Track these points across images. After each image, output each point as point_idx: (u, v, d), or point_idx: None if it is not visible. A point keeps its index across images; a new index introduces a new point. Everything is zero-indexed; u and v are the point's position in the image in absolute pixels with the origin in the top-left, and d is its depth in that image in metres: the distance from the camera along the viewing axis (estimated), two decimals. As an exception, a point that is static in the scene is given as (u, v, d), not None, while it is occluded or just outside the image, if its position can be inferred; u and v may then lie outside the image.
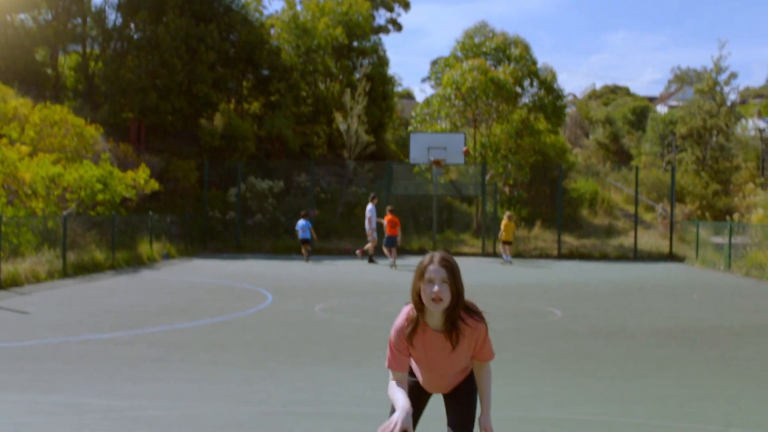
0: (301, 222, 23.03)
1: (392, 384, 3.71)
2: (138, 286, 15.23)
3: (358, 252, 23.34)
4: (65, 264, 17.02)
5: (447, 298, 3.52)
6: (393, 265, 20.50)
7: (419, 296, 3.56)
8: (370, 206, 21.98)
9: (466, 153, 25.74)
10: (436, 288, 3.49)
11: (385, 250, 21.31)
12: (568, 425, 5.75)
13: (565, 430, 5.63)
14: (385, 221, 21.17)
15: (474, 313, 3.66)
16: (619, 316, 11.74)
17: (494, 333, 3.73)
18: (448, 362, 3.70)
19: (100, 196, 20.79)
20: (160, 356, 8.08)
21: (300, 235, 23.05)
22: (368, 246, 22.39)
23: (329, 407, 6.17)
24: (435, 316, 3.57)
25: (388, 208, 22.00)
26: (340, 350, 8.55)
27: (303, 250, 23.07)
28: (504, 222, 23.31)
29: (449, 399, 3.86)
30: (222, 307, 12.14)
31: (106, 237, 20.24)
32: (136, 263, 20.55)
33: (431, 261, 3.58)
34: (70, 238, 18.56)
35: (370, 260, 22.17)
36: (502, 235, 23.24)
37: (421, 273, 3.58)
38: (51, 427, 5.48)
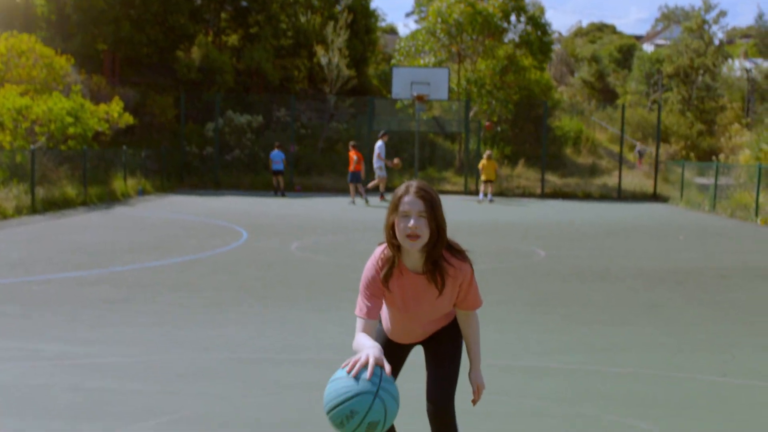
0: (275, 152, 23.03)
1: (359, 334, 3.29)
2: (109, 223, 14.72)
3: (367, 186, 22.32)
4: (34, 199, 16.43)
5: (425, 234, 3.03)
6: (352, 203, 20.49)
7: (393, 232, 3.08)
8: (379, 143, 21.41)
9: (489, 127, 25.05)
10: (412, 222, 3.00)
11: (351, 187, 21.08)
12: (554, 375, 5.41)
13: (551, 380, 5.28)
14: (355, 157, 20.86)
15: (457, 252, 3.19)
16: (603, 257, 11.42)
17: (477, 273, 3.28)
18: (429, 308, 3.26)
19: (71, 130, 20.07)
20: (123, 297, 7.64)
21: (273, 166, 23.12)
22: (375, 182, 21.91)
23: (301, 354, 5.79)
24: (413, 256, 3.10)
25: (351, 143, 21.73)
26: (315, 292, 8.15)
27: (274, 182, 23.15)
28: (483, 162, 22.91)
29: (430, 348, 3.40)
30: (195, 245, 11.69)
31: (78, 172, 19.60)
32: (110, 199, 19.98)
33: (406, 192, 3.08)
34: (40, 173, 17.92)
35: (381, 197, 21.65)
36: (485, 175, 22.91)
37: (395, 206, 3.09)
38: (-4, 376, 5.06)
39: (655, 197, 25.94)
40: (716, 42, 45.85)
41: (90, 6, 29.37)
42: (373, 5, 40.37)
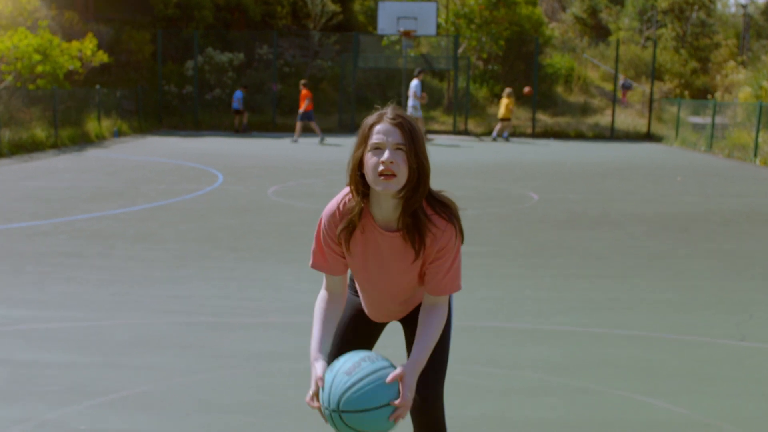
0: (237, 93, 23.51)
1: (317, 307, 2.61)
2: (78, 167, 13.91)
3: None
4: (0, 142, 15.58)
5: (402, 172, 2.33)
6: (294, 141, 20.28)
7: (360, 173, 2.40)
8: (415, 82, 20.44)
9: (529, 93, 24.32)
10: (386, 156, 2.31)
11: (298, 125, 20.55)
12: (551, 340, 4.77)
13: (548, 346, 4.65)
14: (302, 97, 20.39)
15: (443, 207, 2.44)
16: (599, 201, 10.75)
17: (467, 219, 2.55)
18: (399, 278, 2.54)
19: (39, 68, 19.06)
20: (77, 250, 6.94)
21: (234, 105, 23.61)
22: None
23: (267, 316, 5.13)
24: (384, 205, 2.41)
25: (302, 82, 21.07)
26: (289, 242, 7.47)
27: (235, 122, 23.59)
28: (504, 100, 22.68)
29: (410, 326, 2.69)
30: (164, 190, 10.94)
31: (49, 113, 18.66)
32: (83, 142, 19.09)
33: (379, 119, 2.39)
34: (7, 114, 17.02)
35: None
36: (503, 112, 22.73)
37: (363, 137, 2.39)
38: None
39: (648, 137, 25.22)
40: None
41: (61, -64, 27.90)
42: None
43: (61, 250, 6.93)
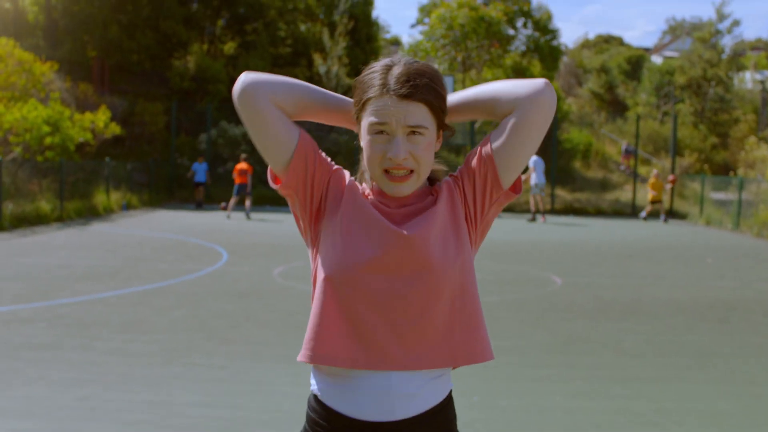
0: (204, 165, 22.78)
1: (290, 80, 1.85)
2: (78, 242, 13.34)
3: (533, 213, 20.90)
4: (1, 215, 15.09)
5: (425, 164, 1.72)
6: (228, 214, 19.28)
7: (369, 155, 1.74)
8: (535, 158, 19.81)
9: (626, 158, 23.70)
10: (398, 148, 1.67)
11: (234, 201, 19.46)
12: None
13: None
14: (238, 170, 19.66)
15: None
16: (629, 286, 9.99)
17: (489, 307, 1.87)
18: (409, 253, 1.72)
19: (48, 140, 18.74)
20: (53, 342, 6.25)
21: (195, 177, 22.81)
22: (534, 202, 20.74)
23: (252, 430, 4.38)
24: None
25: (242, 156, 20.49)
26: (290, 333, 6.74)
27: (197, 196, 22.75)
28: (652, 180, 22.11)
29: None
30: (163, 269, 10.29)
31: (56, 185, 18.25)
32: (90, 215, 18.62)
33: (382, 90, 1.68)
34: (13, 187, 16.61)
35: (533, 218, 20.63)
36: (652, 195, 22.08)
37: (361, 103, 1.74)
38: None
39: (671, 214, 24.48)
40: (728, 51, 44.45)
41: (79, 10, 28.17)
42: (375, 14, 39.08)
43: (38, 342, 6.25)
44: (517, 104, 1.75)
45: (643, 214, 22.66)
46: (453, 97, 1.83)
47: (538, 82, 1.75)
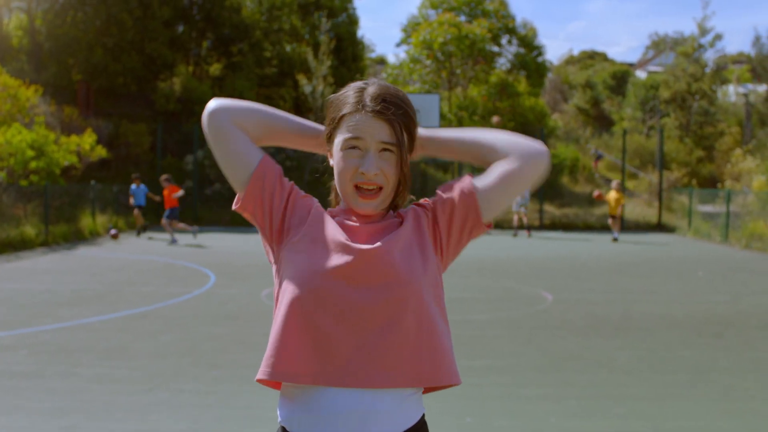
0: (142, 186, 19.98)
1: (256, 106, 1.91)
2: (62, 267, 13.16)
3: None
4: (-16, 240, 14.91)
5: (391, 182, 1.75)
6: (172, 242, 17.85)
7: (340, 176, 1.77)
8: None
9: (599, 198, 20.82)
10: (369, 164, 1.69)
11: (168, 223, 18.29)
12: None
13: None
14: (165, 194, 18.31)
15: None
16: (621, 301, 9.91)
17: (480, 325, 1.78)
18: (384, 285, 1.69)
19: (33, 164, 18.58)
20: (36, 369, 6.09)
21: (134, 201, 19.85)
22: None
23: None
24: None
25: (165, 176, 18.70)
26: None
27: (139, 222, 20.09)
28: (613, 194, 20.01)
29: None
30: (149, 293, 10.14)
31: (40, 210, 18.06)
32: (76, 239, 18.42)
33: (357, 106, 1.70)
34: (-4, 211, 16.43)
35: (516, 233, 21.04)
36: (612, 208, 20.09)
37: (335, 122, 1.76)
38: None
39: (659, 227, 24.51)
40: (711, 65, 44.76)
41: (63, 34, 28.07)
42: (360, 33, 39.19)
43: (19, 370, 6.09)
44: (514, 159, 1.79)
45: (615, 234, 20.16)
46: (446, 133, 1.90)
47: (542, 149, 1.81)
